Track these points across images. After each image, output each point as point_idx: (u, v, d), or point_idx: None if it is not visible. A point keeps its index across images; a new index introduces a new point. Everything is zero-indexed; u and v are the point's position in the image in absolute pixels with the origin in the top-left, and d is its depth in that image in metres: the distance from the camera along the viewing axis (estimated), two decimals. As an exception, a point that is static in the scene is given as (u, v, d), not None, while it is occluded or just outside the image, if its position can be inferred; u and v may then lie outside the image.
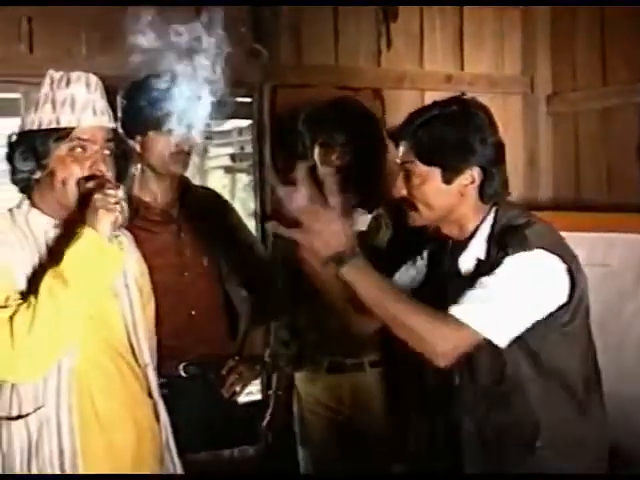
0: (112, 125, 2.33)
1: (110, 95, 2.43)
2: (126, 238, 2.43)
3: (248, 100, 3.99)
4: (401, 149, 2.36)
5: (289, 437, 3.46)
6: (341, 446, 3.26)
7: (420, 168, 2.31)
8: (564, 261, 2.23)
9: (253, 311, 3.22)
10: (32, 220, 2.25)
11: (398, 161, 2.38)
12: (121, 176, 2.36)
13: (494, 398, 2.31)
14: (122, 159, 2.37)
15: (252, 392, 3.80)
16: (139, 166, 2.97)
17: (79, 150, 2.21)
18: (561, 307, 2.23)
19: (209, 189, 3.33)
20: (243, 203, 10.41)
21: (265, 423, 3.46)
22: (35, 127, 2.20)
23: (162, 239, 2.96)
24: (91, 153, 2.22)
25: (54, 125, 2.19)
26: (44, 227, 2.25)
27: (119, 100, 2.89)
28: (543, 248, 2.22)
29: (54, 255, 2.18)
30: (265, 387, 3.87)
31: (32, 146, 2.19)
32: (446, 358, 2.16)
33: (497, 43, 4.53)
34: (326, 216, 2.16)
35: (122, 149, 2.39)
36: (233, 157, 9.34)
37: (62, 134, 2.19)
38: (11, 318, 2.07)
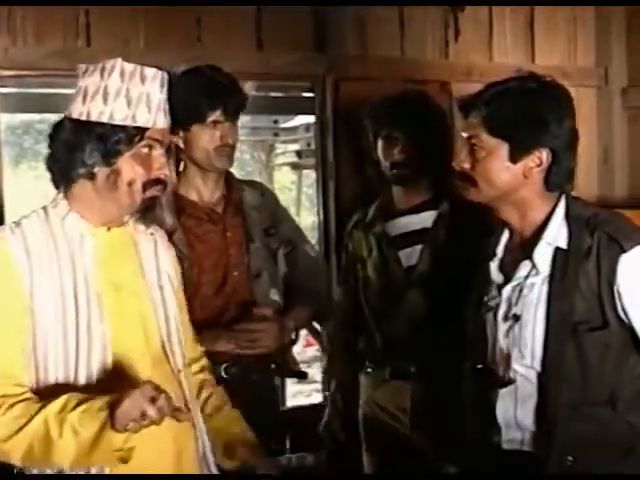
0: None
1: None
2: (160, 235, 2.34)
3: (311, 95, 3.92)
4: (470, 120, 2.29)
5: (352, 443, 3.36)
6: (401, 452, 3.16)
7: (488, 140, 2.24)
8: None
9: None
10: (68, 223, 2.12)
11: (464, 134, 2.31)
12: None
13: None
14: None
15: (310, 396, 3.72)
16: (182, 163, 2.90)
17: (145, 150, 2.10)
18: None
19: (255, 183, 3.23)
20: (310, 200, 10.43)
21: (321, 427, 3.38)
22: (105, 119, 2.05)
23: (209, 238, 2.90)
24: (157, 155, 2.12)
25: (129, 122, 2.06)
26: (80, 232, 2.12)
27: None
28: None
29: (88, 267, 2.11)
30: (327, 390, 3.79)
31: (103, 140, 2.06)
32: None
33: (570, 33, 4.39)
34: None
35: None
36: (299, 153, 9.36)
37: (138, 133, 2.08)
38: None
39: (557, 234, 2.25)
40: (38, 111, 5.33)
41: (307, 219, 10.48)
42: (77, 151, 2.07)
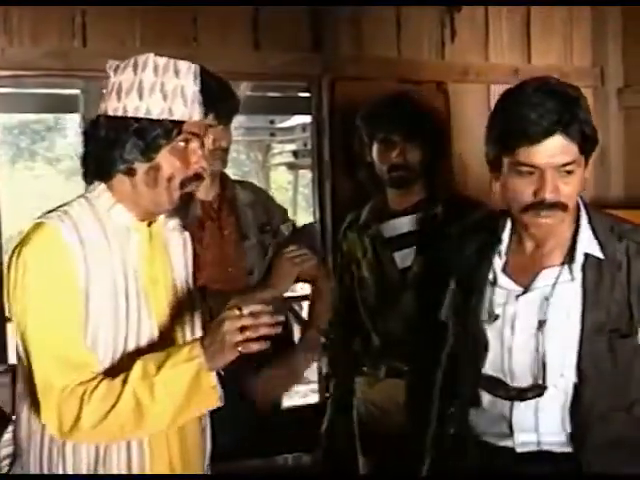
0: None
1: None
2: (187, 235, 2.36)
3: (307, 95, 3.92)
4: (548, 147, 2.09)
5: (348, 443, 3.36)
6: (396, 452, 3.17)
7: (578, 160, 2.12)
8: None
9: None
10: (115, 215, 2.09)
11: (550, 164, 2.10)
12: None
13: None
14: None
15: (306, 396, 3.73)
16: None
17: (182, 144, 2.08)
18: None
19: (246, 183, 3.24)
20: (306, 200, 10.43)
21: (323, 428, 3.39)
22: (142, 115, 2.03)
23: (206, 237, 2.91)
24: (194, 148, 2.09)
25: (166, 116, 2.03)
26: (127, 225, 2.11)
27: None
28: None
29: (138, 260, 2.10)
30: (324, 391, 3.79)
31: (142, 135, 2.02)
32: None
33: (566, 33, 4.39)
34: None
35: None
36: (296, 154, 9.36)
37: (175, 127, 2.05)
38: (89, 392, 1.95)
39: (589, 241, 2.21)
40: (34, 111, 5.35)
41: (303, 219, 10.49)
42: (116, 148, 2.04)
